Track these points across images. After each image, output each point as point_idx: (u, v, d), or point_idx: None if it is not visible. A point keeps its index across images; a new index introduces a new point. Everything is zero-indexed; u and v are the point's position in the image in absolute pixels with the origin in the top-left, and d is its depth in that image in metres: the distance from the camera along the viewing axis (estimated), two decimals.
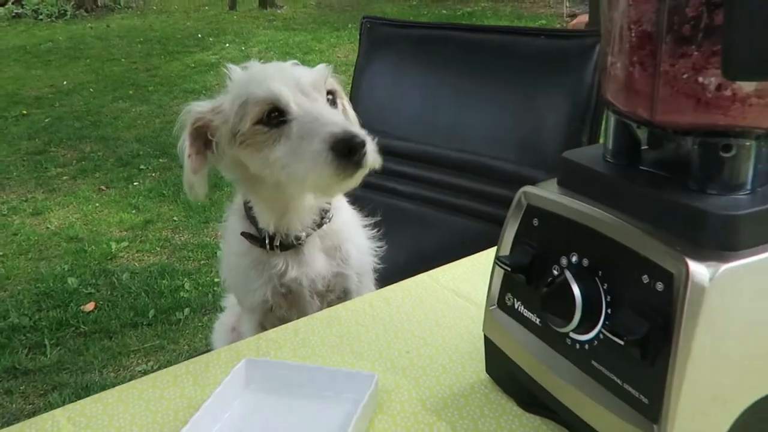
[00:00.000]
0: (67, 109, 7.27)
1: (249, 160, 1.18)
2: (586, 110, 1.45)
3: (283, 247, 1.30)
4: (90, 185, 5.21)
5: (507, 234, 0.82)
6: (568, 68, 1.49)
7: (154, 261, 3.97)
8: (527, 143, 1.53)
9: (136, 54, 9.87)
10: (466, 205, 1.65)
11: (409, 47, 1.77)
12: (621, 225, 0.68)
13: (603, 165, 0.76)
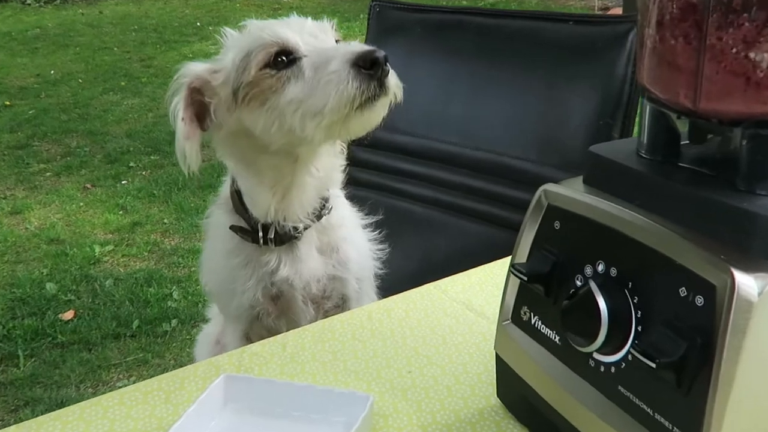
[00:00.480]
0: (53, 100, 7.30)
1: (253, 119, 1.16)
2: (618, 105, 1.42)
3: (277, 242, 1.28)
4: (74, 183, 5.20)
5: (524, 238, 0.79)
6: (598, 58, 1.45)
7: (141, 267, 3.95)
8: (550, 141, 1.50)
9: (129, 43, 9.90)
10: (480, 209, 1.62)
11: (422, 33, 1.74)
12: (655, 229, 0.65)
13: (636, 161, 0.73)
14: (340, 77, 1.08)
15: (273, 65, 1.14)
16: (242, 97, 1.16)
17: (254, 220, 1.28)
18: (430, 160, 1.69)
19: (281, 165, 1.23)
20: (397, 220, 1.72)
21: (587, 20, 1.50)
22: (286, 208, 1.26)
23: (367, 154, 1.79)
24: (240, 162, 1.26)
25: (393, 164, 1.74)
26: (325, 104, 1.08)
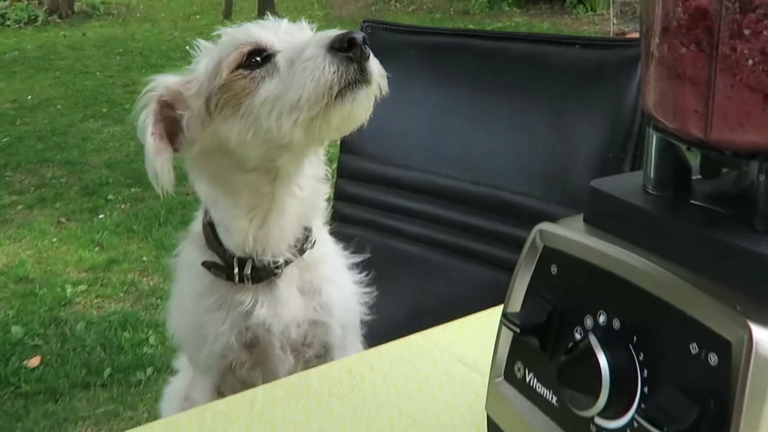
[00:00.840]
0: (29, 127, 7.33)
1: (228, 128, 1.14)
2: (629, 135, 1.39)
3: (254, 278, 1.25)
4: (48, 217, 5.19)
5: (518, 284, 0.77)
6: (607, 84, 1.44)
7: (116, 309, 3.92)
8: (556, 175, 1.48)
9: (113, 67, 9.99)
10: (480, 249, 1.59)
11: (417, 57, 1.73)
12: (664, 276, 0.63)
13: (642, 198, 0.71)
14: (315, 63, 1.05)
15: (246, 66, 1.13)
16: (215, 105, 1.15)
17: (229, 253, 1.25)
18: (425, 195, 1.67)
19: (259, 184, 1.20)
20: (388, 260, 1.69)
21: (595, 43, 1.48)
22: (265, 237, 1.24)
23: (355, 187, 1.76)
24: (214, 183, 1.24)
25: (384, 199, 1.72)
26: (301, 95, 1.06)
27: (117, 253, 4.57)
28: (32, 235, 4.88)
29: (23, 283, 4.24)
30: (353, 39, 1.06)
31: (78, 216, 5.18)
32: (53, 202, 5.45)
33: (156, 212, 5.10)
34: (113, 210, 5.27)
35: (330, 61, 1.06)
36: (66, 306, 3.97)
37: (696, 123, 0.62)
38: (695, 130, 0.62)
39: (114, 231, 4.89)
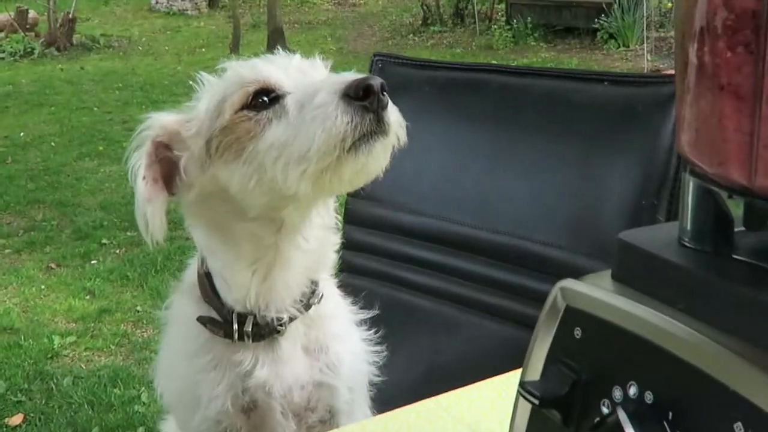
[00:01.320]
0: (20, 166, 7.41)
1: (229, 174, 1.13)
2: (663, 181, 1.37)
3: (255, 336, 1.23)
4: (37, 262, 5.22)
5: (537, 349, 0.74)
6: (639, 125, 1.42)
7: (106, 363, 3.91)
8: (583, 224, 1.46)
9: (111, 102, 10.13)
10: (499, 305, 1.57)
11: (432, 94, 1.72)
12: (703, 343, 0.60)
13: (678, 252, 0.68)
14: (326, 111, 1.03)
15: (252, 106, 1.11)
16: (216, 147, 1.13)
17: (228, 308, 1.23)
18: (440, 244, 1.65)
19: (262, 235, 1.18)
20: (400, 315, 1.66)
21: (626, 80, 1.47)
22: (268, 291, 1.21)
23: (364, 234, 1.74)
24: (213, 232, 1.22)
25: (394, 248, 1.70)
26: (311, 146, 1.03)
27: (109, 302, 4.58)
28: (19, 282, 4.90)
29: (8, 334, 4.24)
30: (370, 86, 1.03)
31: (69, 261, 5.21)
32: (43, 246, 5.48)
33: (152, 258, 5.11)
34: (107, 255, 5.28)
35: (343, 111, 1.03)
36: (53, 359, 3.97)
37: (738, 166, 0.59)
38: (737, 175, 0.60)
39: (107, 278, 4.90)
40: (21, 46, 13.52)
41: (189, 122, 1.18)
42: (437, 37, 14.36)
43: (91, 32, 15.04)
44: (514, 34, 13.13)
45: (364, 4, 18.36)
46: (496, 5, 14.79)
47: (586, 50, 12.47)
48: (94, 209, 6.14)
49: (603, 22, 12.18)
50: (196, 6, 17.73)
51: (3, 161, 7.60)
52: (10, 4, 15.23)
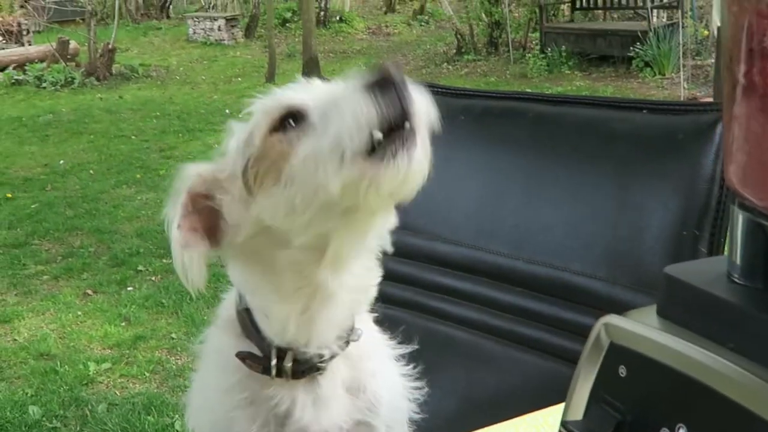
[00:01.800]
0: (59, 193, 7.52)
1: (273, 202, 1.10)
2: (705, 212, 1.34)
3: (295, 373, 1.19)
4: (74, 288, 5.27)
5: (580, 387, 0.71)
6: (680, 154, 1.39)
7: (141, 390, 3.92)
8: (622, 255, 1.42)
9: (149, 130, 10.26)
10: (536, 337, 1.53)
11: (468, 122, 1.70)
12: (754, 383, 0.58)
13: (728, 288, 0.66)
14: (351, 101, 1.00)
15: (280, 131, 1.10)
16: (254, 178, 1.11)
17: (268, 342, 1.19)
18: (476, 275, 1.62)
19: (305, 263, 1.14)
20: (434, 347, 1.63)
21: (665, 108, 1.44)
22: (309, 324, 1.17)
23: (397, 264, 1.71)
24: (253, 266, 1.19)
25: (430, 278, 1.67)
26: (341, 134, 1.01)
27: (144, 329, 4.60)
28: (56, 308, 4.95)
29: (44, 360, 4.28)
30: (386, 70, 1.00)
31: (105, 288, 5.25)
32: (80, 272, 5.54)
33: None
34: (143, 282, 5.32)
35: (366, 96, 1.00)
36: (88, 385, 3.99)
37: None
38: None
39: (142, 305, 4.93)
40: (62, 76, 13.76)
41: (222, 166, 1.17)
42: (471, 65, 14.38)
43: (130, 62, 15.26)
44: (548, 62, 13.10)
45: (398, 34, 18.46)
46: (530, 34, 14.80)
47: (621, 78, 12.40)
48: (131, 236, 6.20)
49: (638, 50, 12.10)
50: (233, 36, 17.94)
51: (43, 188, 7.72)
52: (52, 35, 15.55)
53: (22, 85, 13.79)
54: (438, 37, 17.13)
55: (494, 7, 14.72)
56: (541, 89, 11.93)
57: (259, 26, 18.23)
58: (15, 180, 8.08)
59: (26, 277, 5.47)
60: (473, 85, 12.55)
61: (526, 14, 15.07)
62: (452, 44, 15.59)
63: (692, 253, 1.33)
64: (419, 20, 19.05)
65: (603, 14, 15.02)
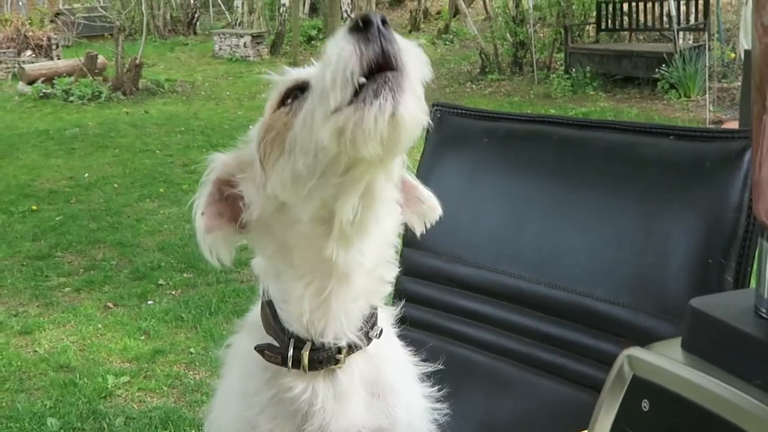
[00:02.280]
0: (83, 206, 7.56)
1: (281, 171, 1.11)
2: (731, 241, 1.31)
3: (312, 363, 1.18)
4: (95, 301, 5.28)
5: (601, 420, 0.70)
6: (706, 181, 1.36)
7: (158, 404, 3.91)
8: (646, 282, 1.40)
9: (173, 145, 10.32)
10: (557, 363, 1.51)
11: (491, 145, 1.69)
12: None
13: (754, 323, 0.64)
14: (332, 48, 0.99)
15: (286, 103, 1.15)
16: (264, 153, 1.15)
17: (288, 333, 1.20)
18: (497, 298, 1.60)
19: (315, 237, 1.13)
20: (454, 369, 1.61)
21: (692, 135, 1.41)
22: (324, 309, 1.18)
23: (420, 286, 1.71)
24: (270, 248, 1.21)
25: (451, 300, 1.66)
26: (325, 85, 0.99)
27: (163, 343, 4.60)
28: (77, 320, 4.96)
29: (64, 372, 4.28)
30: (367, 17, 0.98)
31: (126, 301, 5.26)
32: (102, 285, 5.55)
33: (207, 300, 5.14)
34: (163, 296, 5.33)
35: (347, 41, 0.97)
36: (106, 398, 3.99)
37: None
38: None
39: (162, 319, 4.93)
40: (89, 90, 13.89)
41: (246, 151, 1.22)
42: (495, 85, 14.36)
43: (156, 77, 15.39)
44: (572, 83, 13.05)
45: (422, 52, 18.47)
46: (555, 54, 14.76)
47: (646, 100, 12.32)
48: (153, 250, 6.21)
49: (664, 72, 12.03)
50: (258, 53, 18.05)
51: (67, 201, 7.77)
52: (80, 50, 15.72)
53: (50, 99, 13.94)
54: (462, 56, 17.13)
55: (519, 27, 14.73)
56: (565, 110, 11.89)
57: (285, 43, 18.34)
58: (40, 192, 8.14)
59: (48, 289, 5.49)
60: (497, 106, 12.53)
61: (551, 35, 15.05)
62: (476, 63, 15.59)
63: (718, 282, 1.31)
64: (444, 39, 19.06)
65: (628, 35, 14.95)
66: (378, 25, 0.97)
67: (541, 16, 15.66)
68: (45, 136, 11.08)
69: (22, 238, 6.59)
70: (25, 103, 13.88)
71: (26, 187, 8.31)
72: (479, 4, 19.84)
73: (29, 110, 13.33)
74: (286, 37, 18.15)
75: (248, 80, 15.95)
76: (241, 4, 20.95)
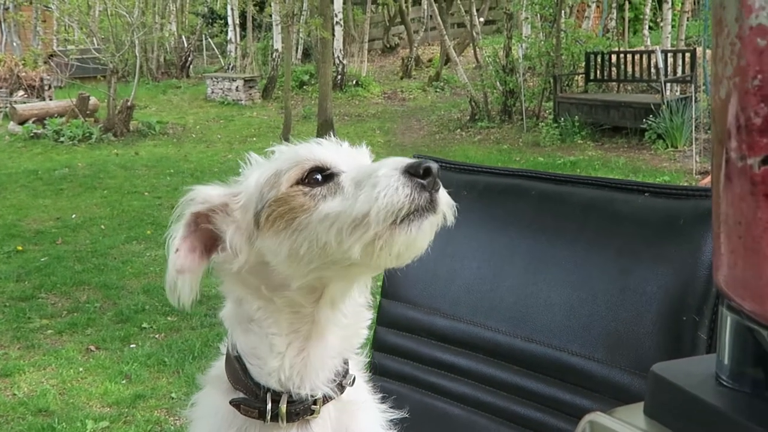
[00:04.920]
0: (69, 247, 7.52)
1: (278, 243, 1.14)
2: (705, 297, 1.31)
3: (290, 415, 1.18)
4: (77, 343, 5.22)
5: None
6: (681, 237, 1.36)
7: None
8: (621, 337, 1.39)
9: (162, 187, 10.30)
10: (533, 417, 1.49)
11: (470, 198, 1.68)
12: None
13: (714, 391, 0.63)
14: (389, 181, 1.07)
15: (306, 183, 1.14)
16: (266, 217, 1.14)
17: (261, 387, 1.19)
18: (474, 351, 1.59)
19: (302, 304, 1.17)
20: (427, 421, 1.60)
21: (667, 192, 1.42)
22: (303, 364, 1.19)
23: (396, 337, 1.70)
24: (253, 301, 1.20)
25: (426, 352, 1.64)
26: (369, 210, 1.07)
27: (145, 388, 4.54)
28: (58, 363, 4.90)
29: (42, 416, 4.22)
30: (429, 168, 1.08)
31: (108, 344, 5.20)
32: (84, 327, 5.50)
33: (191, 344, 5.09)
34: (146, 339, 5.27)
35: (404, 183, 1.07)
36: None
37: None
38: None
39: (144, 363, 4.87)
40: (80, 131, 13.90)
41: (236, 195, 1.20)
42: (485, 132, 14.43)
43: (147, 119, 15.41)
44: (561, 131, 13.13)
45: (413, 99, 18.60)
46: (544, 103, 14.87)
47: (634, 150, 12.39)
48: (137, 293, 6.17)
49: (651, 123, 12.13)
50: (251, 97, 18.13)
51: (53, 242, 7.73)
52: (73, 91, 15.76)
53: (41, 139, 13.93)
54: (452, 103, 17.25)
55: (509, 76, 14.86)
56: (553, 158, 11.95)
57: (277, 88, 18.44)
58: (27, 233, 8.10)
59: (30, 331, 5.43)
60: (486, 153, 12.58)
61: (540, 84, 15.18)
62: (466, 111, 15.69)
63: (692, 339, 1.30)
64: (434, 86, 19.22)
65: (617, 86, 15.09)
66: (436, 176, 1.10)
67: (531, 65, 15.80)
68: (34, 176, 11.05)
69: (6, 278, 6.54)
70: (15, 142, 13.87)
71: (12, 227, 8.27)
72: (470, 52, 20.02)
73: (19, 150, 13.32)
74: (279, 81, 18.25)
75: (239, 123, 16.01)
76: (234, 49, 21.12)
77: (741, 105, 0.58)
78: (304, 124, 15.23)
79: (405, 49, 22.72)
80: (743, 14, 0.57)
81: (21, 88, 17.23)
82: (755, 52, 0.56)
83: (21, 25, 23.22)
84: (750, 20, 0.57)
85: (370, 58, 21.99)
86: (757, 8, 0.56)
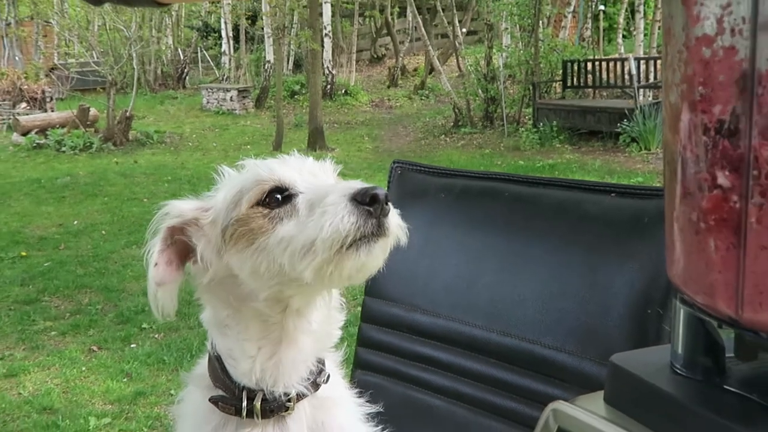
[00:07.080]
0: (72, 252, 7.48)
1: (241, 260, 1.14)
2: (668, 291, 1.31)
3: (264, 412, 1.18)
4: (80, 344, 5.20)
5: None
6: (646, 235, 1.37)
7: None
8: (591, 330, 1.39)
9: (161, 194, 10.26)
10: (508, 407, 1.49)
11: (448, 200, 1.69)
12: None
13: (668, 379, 0.63)
14: (335, 210, 1.06)
15: (266, 204, 1.13)
16: (230, 235, 1.14)
17: (238, 385, 1.19)
18: (453, 345, 1.58)
19: (269, 314, 1.18)
20: (409, 412, 1.60)
21: (632, 192, 1.42)
22: (275, 367, 1.19)
23: (380, 333, 1.70)
24: (223, 310, 1.20)
25: (409, 347, 1.64)
26: (316, 238, 1.06)
27: (145, 385, 4.52)
28: (62, 363, 4.88)
29: (47, 414, 4.19)
30: (376, 195, 1.06)
31: (110, 344, 5.18)
32: (87, 329, 5.48)
33: (189, 343, 5.07)
34: (146, 339, 5.26)
35: (350, 212, 1.06)
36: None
37: (725, 297, 0.55)
38: (724, 307, 0.56)
39: (144, 361, 4.85)
40: (81, 141, 13.83)
41: (206, 211, 1.20)
42: (467, 138, 14.46)
43: (146, 129, 15.36)
44: (540, 136, 13.17)
45: (400, 107, 18.61)
46: (524, 109, 14.91)
47: (609, 153, 12.44)
48: (137, 294, 6.14)
49: (625, 127, 12.17)
50: (244, 106, 18.09)
51: (56, 247, 7.69)
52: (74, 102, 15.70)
53: (43, 149, 13.87)
54: (437, 110, 17.28)
55: (490, 84, 14.89)
56: (533, 161, 11.98)
57: (269, 97, 18.41)
58: (30, 239, 8.05)
59: (35, 333, 5.41)
60: (469, 157, 12.60)
61: (520, 91, 15.22)
62: (450, 117, 15.71)
63: (656, 331, 1.31)
64: (420, 94, 19.24)
65: (592, 92, 15.15)
66: (383, 203, 1.08)
67: (511, 73, 15.85)
68: (37, 185, 10.99)
69: (11, 283, 6.50)
70: (18, 153, 13.80)
71: (17, 234, 8.23)
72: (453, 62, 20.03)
73: (23, 160, 13.25)
74: (271, 91, 18.21)
75: (234, 132, 15.97)
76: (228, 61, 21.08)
77: (688, 110, 0.58)
78: (295, 132, 15.21)
79: (391, 59, 22.71)
80: (689, 24, 0.58)
81: (24, 101, 17.14)
82: (701, 62, 0.57)
83: (23, 40, 23.10)
84: (696, 30, 0.57)
85: (358, 68, 21.99)
86: (702, 18, 0.57)
